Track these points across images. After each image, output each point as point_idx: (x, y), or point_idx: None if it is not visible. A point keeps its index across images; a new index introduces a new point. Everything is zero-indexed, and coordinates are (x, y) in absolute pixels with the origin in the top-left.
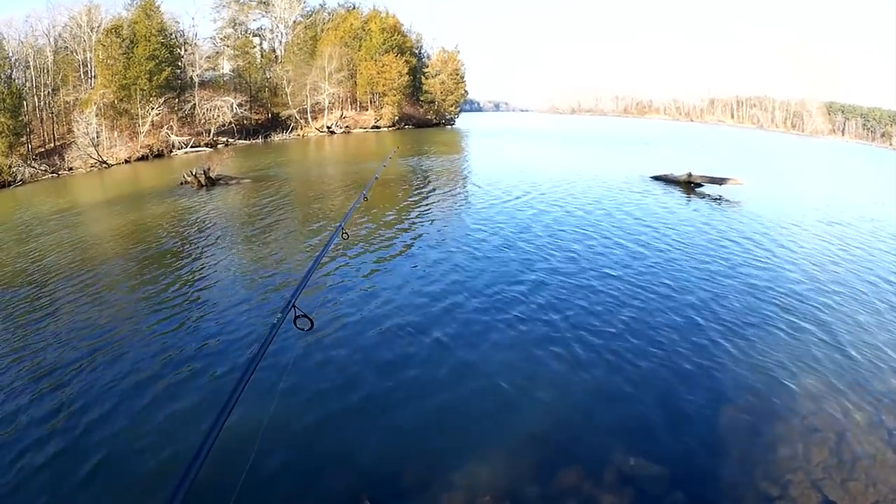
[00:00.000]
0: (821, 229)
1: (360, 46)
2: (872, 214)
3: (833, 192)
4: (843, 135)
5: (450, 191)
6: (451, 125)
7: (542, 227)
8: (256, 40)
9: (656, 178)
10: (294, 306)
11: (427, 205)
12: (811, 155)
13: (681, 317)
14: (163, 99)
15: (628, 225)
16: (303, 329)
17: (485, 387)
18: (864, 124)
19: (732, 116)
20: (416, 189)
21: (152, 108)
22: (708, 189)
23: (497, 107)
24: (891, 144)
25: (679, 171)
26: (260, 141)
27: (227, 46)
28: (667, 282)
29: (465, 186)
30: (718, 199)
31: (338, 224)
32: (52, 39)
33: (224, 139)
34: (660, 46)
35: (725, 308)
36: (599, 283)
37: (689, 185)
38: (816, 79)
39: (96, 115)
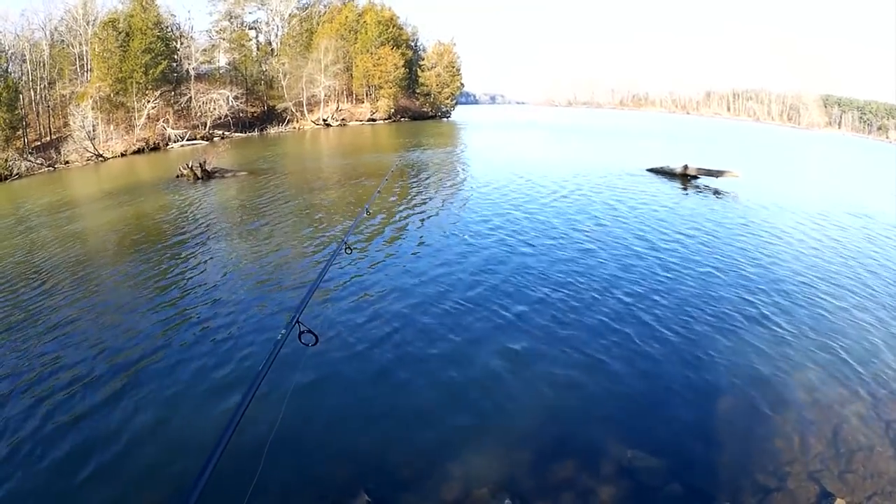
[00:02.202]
0: (815, 221)
1: (355, 39)
2: (869, 207)
3: (828, 184)
4: (839, 128)
5: (458, 188)
6: (448, 118)
7: (562, 222)
8: (252, 33)
9: (653, 171)
10: (298, 321)
11: (436, 204)
12: (807, 147)
13: (678, 310)
14: (159, 92)
15: (621, 218)
16: (307, 345)
17: (483, 380)
18: (861, 117)
19: (729, 109)
20: (425, 186)
21: (148, 102)
22: (704, 181)
23: (493, 99)
24: (887, 137)
25: (675, 164)
26: (256, 134)
27: (223, 39)
28: (665, 274)
29: (467, 184)
30: (715, 192)
31: (342, 239)
32: (48, 33)
33: (220, 132)
34: (656, 39)
35: (721, 300)
36: (606, 275)
37: (685, 178)
38: (809, 74)
39: (92, 109)
